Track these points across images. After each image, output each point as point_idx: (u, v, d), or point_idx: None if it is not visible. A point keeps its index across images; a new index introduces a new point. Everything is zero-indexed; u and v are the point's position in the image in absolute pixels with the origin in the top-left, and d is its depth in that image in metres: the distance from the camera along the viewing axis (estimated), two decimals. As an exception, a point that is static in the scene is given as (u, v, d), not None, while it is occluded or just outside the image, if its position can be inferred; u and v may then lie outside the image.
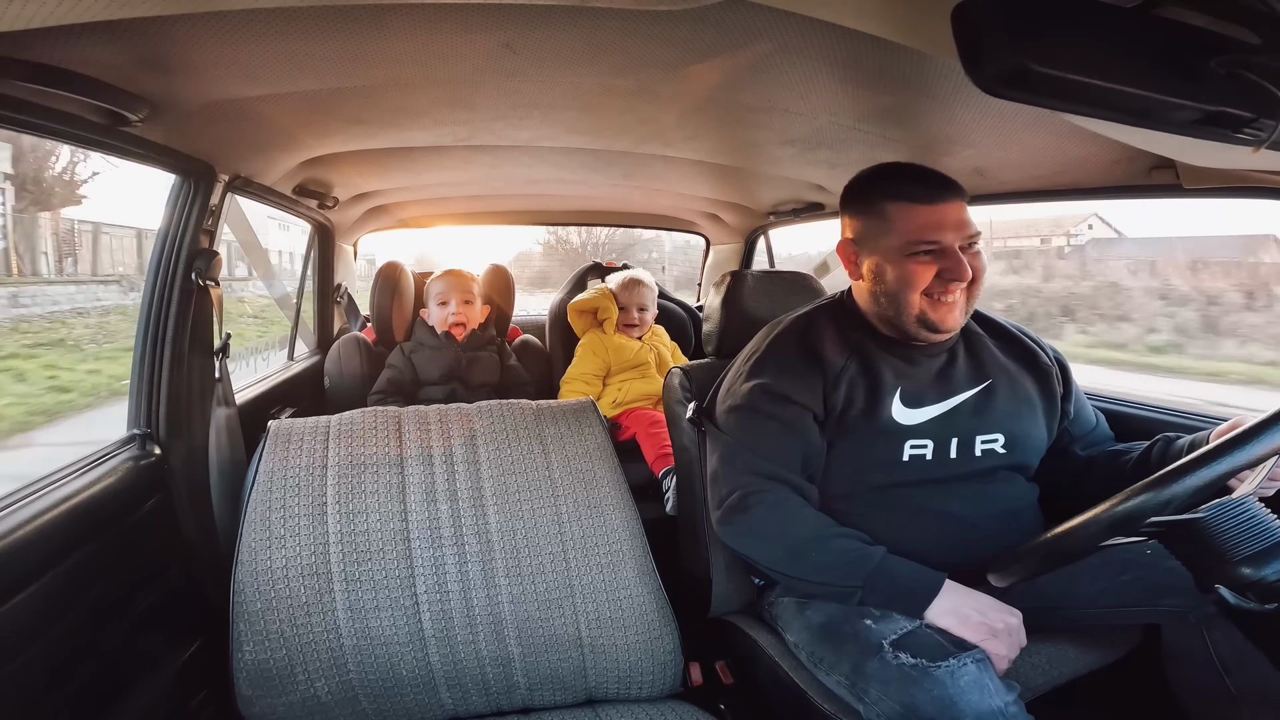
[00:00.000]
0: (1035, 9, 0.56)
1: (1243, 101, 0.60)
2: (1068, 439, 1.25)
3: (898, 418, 1.14)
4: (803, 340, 1.21)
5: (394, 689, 1.10)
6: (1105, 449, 1.25)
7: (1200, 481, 0.76)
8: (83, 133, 1.05)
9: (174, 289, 1.39)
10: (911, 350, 1.18)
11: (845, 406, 1.14)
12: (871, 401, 1.14)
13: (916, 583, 1.01)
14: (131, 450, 1.33)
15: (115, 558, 1.19)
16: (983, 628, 0.95)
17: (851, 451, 1.14)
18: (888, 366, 1.16)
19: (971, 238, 1.11)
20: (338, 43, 1.01)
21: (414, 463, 1.25)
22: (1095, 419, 1.29)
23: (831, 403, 1.15)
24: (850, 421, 1.14)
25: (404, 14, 0.92)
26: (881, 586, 1.01)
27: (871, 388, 1.14)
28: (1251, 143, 0.63)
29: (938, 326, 1.12)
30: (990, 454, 1.16)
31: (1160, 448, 1.15)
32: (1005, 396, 1.18)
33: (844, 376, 1.15)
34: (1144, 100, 0.61)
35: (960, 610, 0.97)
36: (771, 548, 1.10)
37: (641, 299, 2.46)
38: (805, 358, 1.18)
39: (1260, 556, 0.76)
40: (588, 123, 1.51)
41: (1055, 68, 0.57)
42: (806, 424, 1.14)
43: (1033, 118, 1.14)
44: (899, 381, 1.15)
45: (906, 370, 1.16)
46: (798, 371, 1.16)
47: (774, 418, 1.14)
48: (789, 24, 0.90)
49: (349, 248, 2.80)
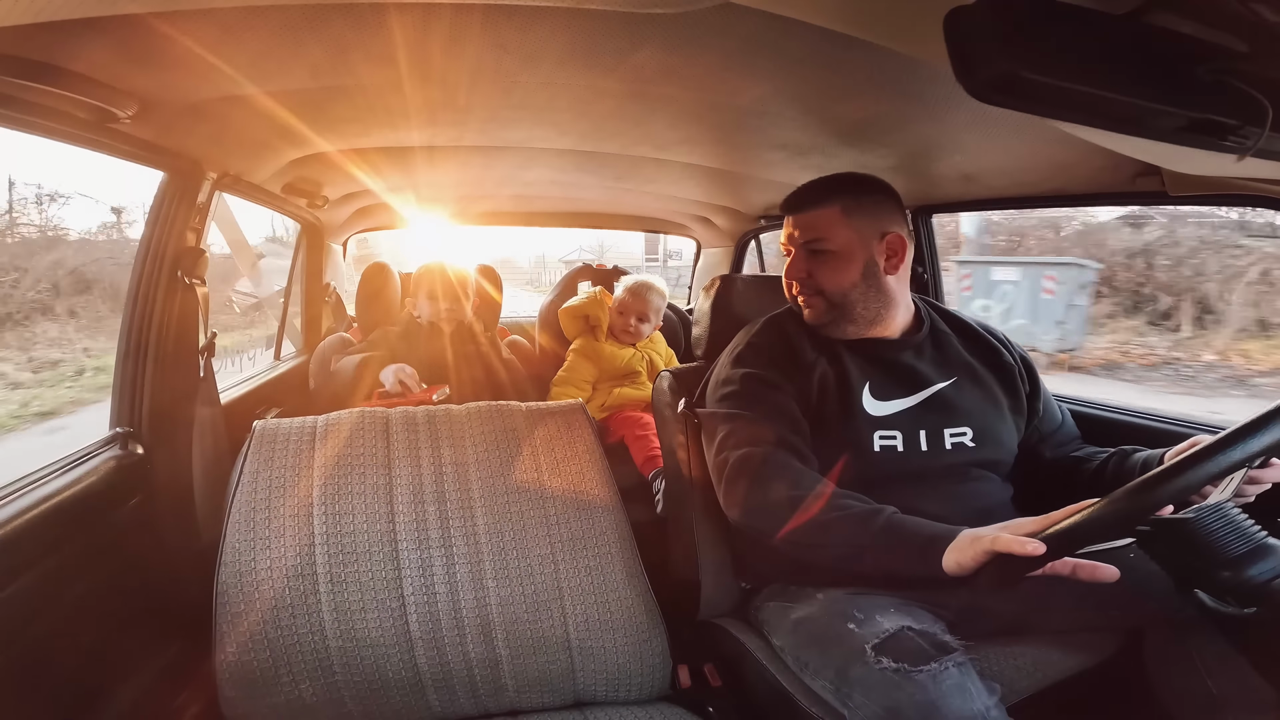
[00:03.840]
0: (1026, 16, 0.57)
1: (1229, 109, 0.61)
2: (1036, 437, 1.28)
3: (868, 408, 1.18)
4: (779, 336, 1.27)
5: (380, 691, 1.09)
6: (1069, 452, 1.28)
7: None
8: (71, 129, 1.04)
9: (159, 287, 1.37)
10: (867, 346, 1.23)
11: (820, 397, 1.19)
12: (842, 392, 1.19)
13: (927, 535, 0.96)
14: (114, 449, 1.32)
15: (96, 557, 1.18)
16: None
17: (826, 440, 1.16)
18: (854, 362, 1.21)
19: (809, 242, 1.23)
20: (328, 41, 1.00)
21: (401, 464, 1.24)
22: (1061, 416, 1.32)
23: (808, 394, 1.19)
24: (824, 412, 1.18)
25: (395, 13, 0.92)
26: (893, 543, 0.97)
27: (841, 380, 1.20)
28: (1237, 150, 0.64)
29: (807, 319, 1.26)
30: (960, 447, 1.18)
31: (1116, 460, 1.18)
32: (971, 391, 1.22)
33: (816, 370, 1.21)
34: (1132, 107, 0.62)
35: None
36: (778, 510, 1.07)
37: (645, 306, 2.36)
38: (785, 353, 1.24)
39: (1239, 561, 0.77)
40: (580, 124, 1.51)
41: (1046, 74, 0.57)
42: (794, 408, 1.18)
43: (1021, 124, 1.15)
44: (866, 375, 1.20)
45: (872, 366, 1.21)
46: (779, 364, 1.22)
47: (766, 399, 1.18)
48: (780, 28, 0.91)
49: (338, 247, 2.78)
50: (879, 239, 1.21)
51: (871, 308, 1.22)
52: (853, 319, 1.23)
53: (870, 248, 1.21)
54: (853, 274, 1.21)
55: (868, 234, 1.21)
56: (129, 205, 6.80)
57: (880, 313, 1.23)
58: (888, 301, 1.23)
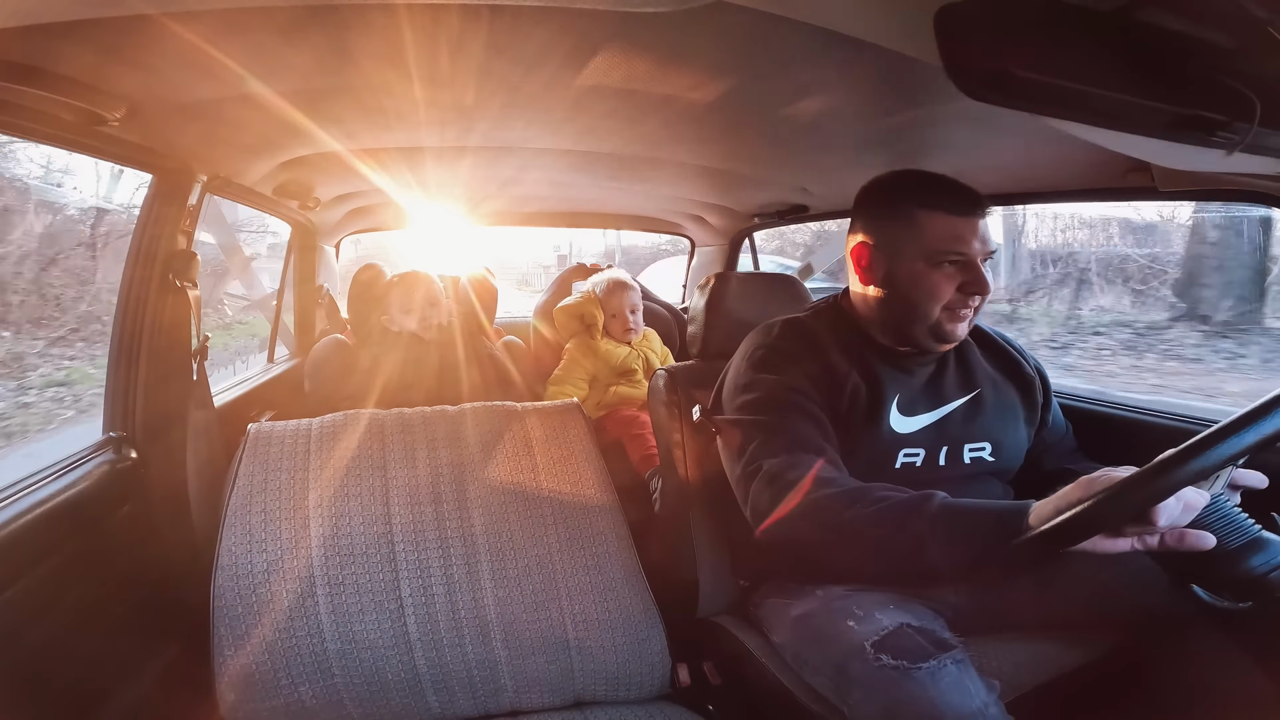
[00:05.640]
0: (1016, 13, 0.57)
1: (1217, 105, 0.62)
2: (1041, 447, 1.28)
3: (895, 426, 1.14)
4: (807, 344, 1.19)
5: (380, 693, 1.09)
6: (1065, 466, 1.26)
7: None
8: (59, 132, 1.03)
9: (150, 290, 1.37)
10: (905, 358, 1.18)
11: (849, 411, 1.14)
12: (872, 408, 1.14)
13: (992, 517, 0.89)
14: (107, 454, 1.31)
15: (92, 563, 1.17)
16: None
17: (847, 456, 1.12)
18: (885, 374, 1.16)
19: (991, 253, 1.12)
20: (319, 42, 0.99)
21: (397, 465, 1.24)
22: (1065, 428, 1.32)
23: (838, 406, 1.14)
24: (851, 427, 1.13)
25: (387, 13, 0.91)
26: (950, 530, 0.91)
27: (872, 395, 1.15)
28: (1225, 146, 0.65)
29: (949, 337, 1.13)
30: (979, 461, 1.17)
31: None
32: (992, 405, 1.20)
33: (848, 382, 1.15)
34: (1121, 104, 0.62)
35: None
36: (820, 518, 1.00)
37: (631, 301, 2.38)
38: (814, 361, 1.16)
39: (1235, 555, 0.78)
40: (574, 124, 1.51)
41: (1036, 71, 0.58)
42: (823, 419, 1.12)
43: (1012, 121, 1.14)
44: (895, 389, 1.16)
45: (901, 378, 1.17)
46: (809, 372, 1.15)
47: (797, 406, 1.11)
48: (774, 27, 0.91)
49: (331, 249, 2.77)
50: None
51: None
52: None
53: None
54: None
55: None
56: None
57: None
58: None
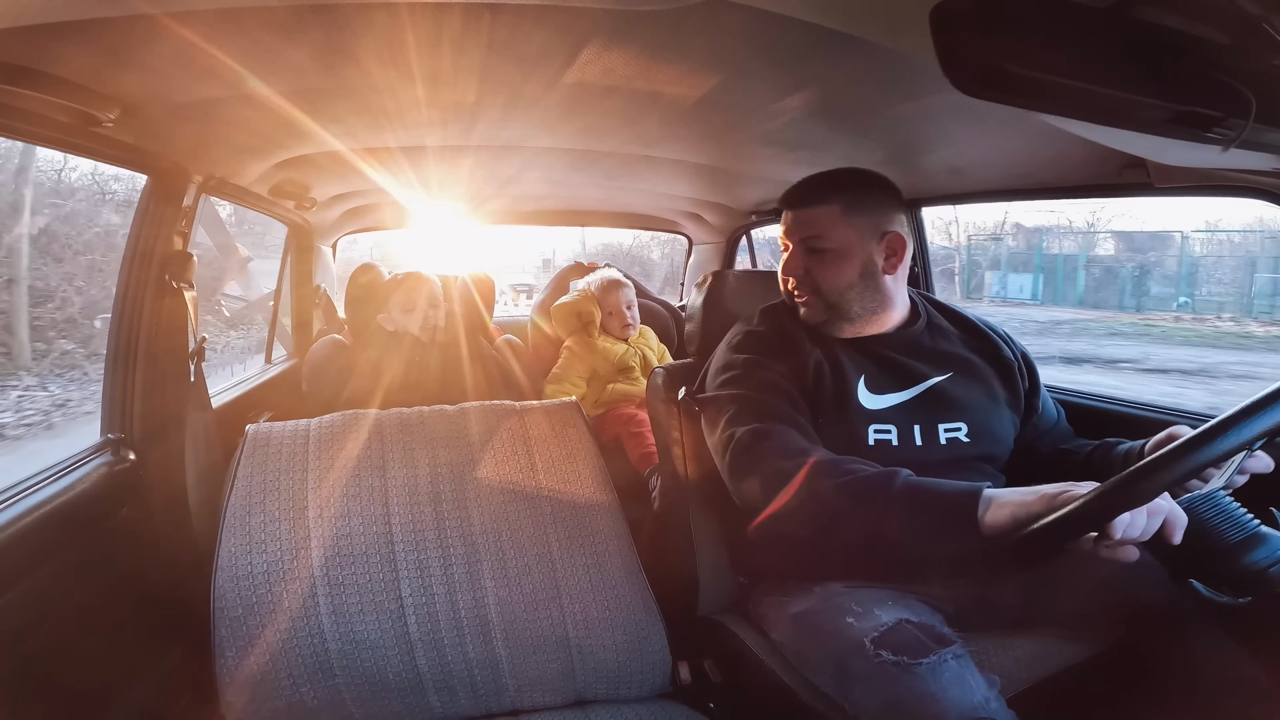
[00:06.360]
0: (1011, 10, 0.57)
1: (1212, 101, 0.62)
2: (1034, 434, 1.28)
3: (863, 401, 1.17)
4: (775, 326, 1.25)
5: (381, 693, 1.09)
6: (1060, 448, 1.27)
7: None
8: (53, 134, 1.03)
9: (147, 292, 1.36)
10: (869, 342, 1.22)
11: (816, 387, 1.17)
12: (838, 384, 1.17)
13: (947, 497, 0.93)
14: (105, 456, 1.31)
15: (92, 565, 1.17)
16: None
17: (821, 433, 1.15)
18: (849, 356, 1.20)
19: (807, 239, 1.20)
20: (314, 42, 0.99)
21: (396, 465, 1.24)
22: (1057, 414, 1.32)
23: (805, 382, 1.17)
24: (820, 403, 1.17)
25: (383, 13, 0.91)
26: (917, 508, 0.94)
27: (836, 372, 1.18)
28: (1220, 142, 0.65)
29: (803, 319, 1.24)
30: (955, 443, 1.17)
31: (1102, 452, 1.18)
32: (968, 386, 1.21)
33: (812, 359, 1.19)
34: (1117, 100, 0.62)
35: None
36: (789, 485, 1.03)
37: (626, 299, 2.41)
38: (782, 342, 1.22)
39: (1234, 549, 0.77)
40: (570, 123, 1.51)
41: (1031, 68, 0.58)
42: (796, 396, 1.16)
43: (1008, 118, 1.15)
44: (860, 370, 1.19)
45: (860, 360, 1.20)
46: (780, 355, 1.20)
47: (770, 384, 1.16)
48: (769, 24, 0.91)
49: (327, 249, 2.77)
50: (878, 239, 1.19)
51: (868, 307, 1.21)
52: (849, 318, 1.21)
53: (869, 247, 1.18)
54: (850, 274, 1.19)
55: (867, 233, 1.18)
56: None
57: (876, 312, 1.22)
58: (884, 301, 1.21)
